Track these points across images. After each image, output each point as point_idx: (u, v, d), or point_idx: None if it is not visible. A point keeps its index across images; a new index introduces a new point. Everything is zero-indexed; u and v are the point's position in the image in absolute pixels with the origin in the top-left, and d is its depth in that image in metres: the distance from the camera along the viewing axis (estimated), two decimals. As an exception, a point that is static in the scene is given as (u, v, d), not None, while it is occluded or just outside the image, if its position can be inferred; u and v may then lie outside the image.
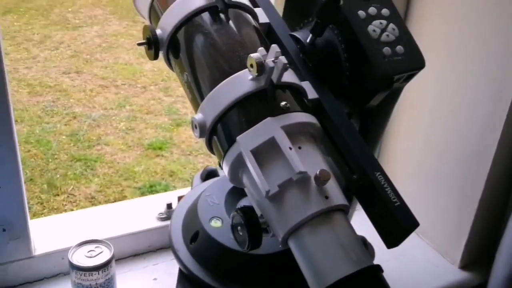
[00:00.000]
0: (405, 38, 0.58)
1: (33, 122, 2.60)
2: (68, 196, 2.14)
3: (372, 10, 0.57)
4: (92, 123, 2.63)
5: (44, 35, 3.55)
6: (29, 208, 2.00)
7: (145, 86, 3.02)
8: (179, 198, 0.84)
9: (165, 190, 2.20)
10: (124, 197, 2.16)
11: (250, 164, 0.47)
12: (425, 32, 0.87)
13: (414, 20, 0.89)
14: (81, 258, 0.70)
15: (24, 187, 0.74)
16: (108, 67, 3.21)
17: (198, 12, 0.56)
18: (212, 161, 2.34)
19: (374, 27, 0.56)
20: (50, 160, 2.33)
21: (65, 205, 2.10)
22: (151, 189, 2.21)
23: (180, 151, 2.48)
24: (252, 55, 0.49)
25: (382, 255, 0.61)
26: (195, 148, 2.46)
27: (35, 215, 1.99)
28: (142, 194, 2.19)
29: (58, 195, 2.14)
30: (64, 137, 2.50)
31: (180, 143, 2.54)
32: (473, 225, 0.86)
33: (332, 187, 0.48)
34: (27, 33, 3.57)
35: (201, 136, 0.53)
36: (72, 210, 2.07)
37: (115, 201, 2.13)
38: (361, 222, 0.55)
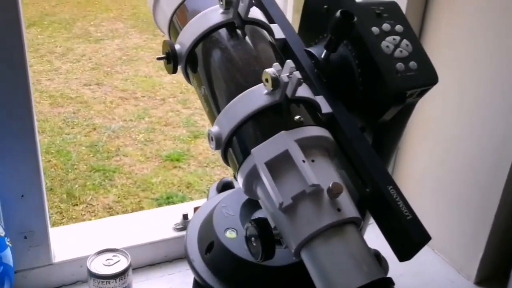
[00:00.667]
0: (419, 54, 0.58)
1: (54, 133, 2.64)
2: (86, 206, 2.17)
3: (385, 26, 0.58)
4: (111, 134, 2.67)
5: (67, 48, 3.62)
6: (49, 217, 2.04)
7: (164, 98, 3.06)
8: (195, 209, 0.85)
9: (182, 202, 2.21)
10: (141, 208, 2.18)
11: (264, 176, 0.48)
12: (440, 47, 0.88)
13: (429, 36, 0.89)
14: (99, 266, 0.72)
15: (45, 196, 0.76)
16: (128, 80, 3.26)
17: (216, 28, 0.57)
18: (228, 173, 2.35)
19: (387, 43, 0.57)
20: (69, 170, 2.37)
21: (84, 215, 2.12)
22: (168, 200, 2.23)
23: (197, 163, 2.49)
24: (267, 70, 0.50)
25: (397, 269, 0.61)
26: (212, 160, 2.48)
27: (54, 224, 2.02)
28: (159, 205, 2.20)
29: (77, 205, 2.17)
30: (83, 148, 2.54)
31: (198, 155, 2.56)
32: (489, 240, 0.85)
33: (345, 200, 0.49)
34: (50, 45, 3.64)
35: (217, 148, 0.54)
36: (90, 220, 2.09)
37: (132, 211, 2.14)
38: (376, 236, 0.55)
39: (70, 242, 0.85)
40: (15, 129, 0.70)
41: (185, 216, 0.88)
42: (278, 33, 0.61)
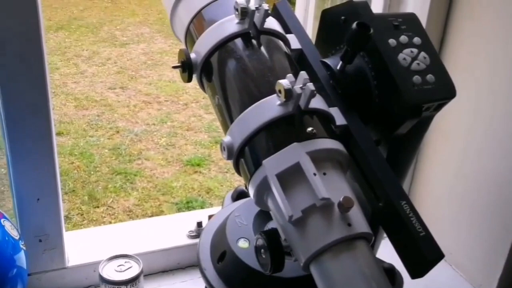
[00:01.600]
0: (437, 67, 0.57)
1: (78, 135, 2.68)
2: (107, 209, 2.19)
3: (403, 38, 0.57)
4: (134, 138, 2.69)
5: (93, 51, 3.68)
6: (70, 218, 2.08)
7: (186, 103, 3.08)
8: (210, 216, 0.85)
9: (202, 207, 2.22)
10: (161, 212, 2.19)
11: (275, 188, 0.48)
12: (462, 60, 0.86)
13: (450, 49, 0.88)
14: (111, 272, 0.72)
15: (61, 200, 0.77)
16: (152, 84, 3.29)
17: (231, 38, 0.57)
18: (248, 179, 2.34)
19: (404, 55, 0.56)
20: (92, 172, 2.40)
21: (104, 217, 2.15)
22: (188, 205, 2.24)
23: (217, 168, 2.50)
24: (280, 81, 0.50)
25: (412, 285, 0.60)
26: (233, 166, 2.48)
27: (75, 225, 2.05)
28: (179, 209, 2.21)
29: (98, 207, 2.20)
30: (106, 150, 2.57)
31: (218, 160, 2.56)
32: (509, 257, 0.83)
33: (356, 214, 0.48)
34: (77, 49, 3.71)
35: (228, 158, 0.54)
36: (110, 222, 2.11)
37: (152, 215, 2.16)
38: (391, 250, 0.54)
39: (84, 246, 0.86)
40: (32, 133, 0.71)
41: (199, 224, 0.88)
42: (294, 43, 0.61)
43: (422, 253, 0.49)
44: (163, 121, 2.88)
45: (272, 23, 0.59)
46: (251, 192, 0.53)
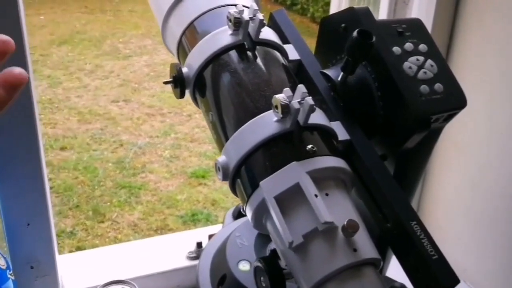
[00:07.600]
0: (445, 75, 0.54)
1: (82, 149, 2.67)
2: (112, 223, 2.17)
3: (408, 46, 0.54)
4: (137, 151, 2.68)
5: (96, 65, 3.67)
6: (74, 234, 2.05)
7: (190, 114, 3.06)
8: (210, 236, 0.82)
9: (207, 219, 2.20)
10: (166, 225, 2.17)
11: (273, 211, 0.45)
12: (469, 68, 0.83)
13: (457, 56, 0.84)
14: (106, 299, 0.69)
15: (53, 224, 0.74)
16: (155, 96, 3.27)
17: (225, 50, 0.54)
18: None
19: (410, 63, 0.53)
20: (96, 187, 2.38)
21: (109, 232, 2.13)
22: (193, 217, 2.21)
23: (222, 180, 2.47)
24: (276, 96, 0.47)
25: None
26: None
27: (79, 241, 2.03)
28: (184, 222, 2.19)
29: (102, 222, 2.18)
30: (110, 164, 2.55)
31: (223, 172, 2.53)
32: (526, 274, 0.79)
33: (362, 238, 0.45)
34: (80, 63, 3.70)
35: (224, 179, 0.51)
36: (115, 237, 2.09)
37: (157, 229, 2.14)
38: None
39: (78, 271, 0.83)
40: (19, 155, 0.68)
41: (199, 244, 0.85)
42: (293, 54, 0.57)
43: (435, 277, 0.46)
44: (167, 133, 2.86)
45: (268, 34, 0.56)
46: (249, 214, 0.50)
